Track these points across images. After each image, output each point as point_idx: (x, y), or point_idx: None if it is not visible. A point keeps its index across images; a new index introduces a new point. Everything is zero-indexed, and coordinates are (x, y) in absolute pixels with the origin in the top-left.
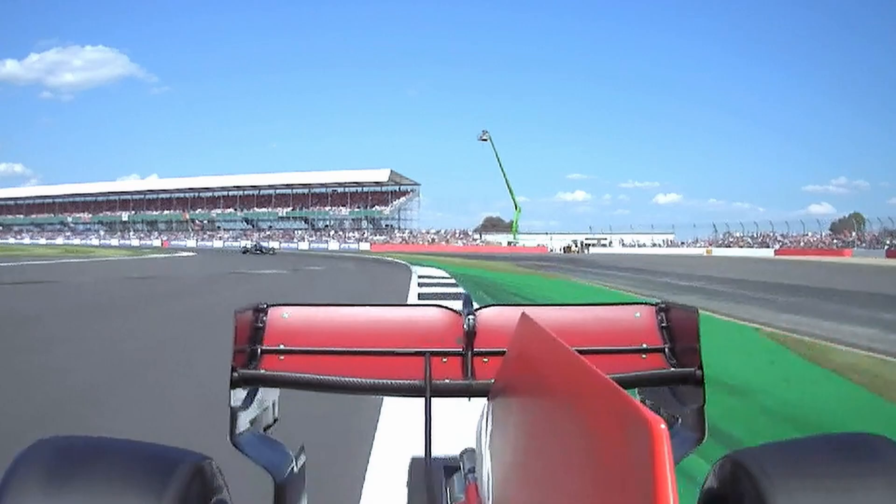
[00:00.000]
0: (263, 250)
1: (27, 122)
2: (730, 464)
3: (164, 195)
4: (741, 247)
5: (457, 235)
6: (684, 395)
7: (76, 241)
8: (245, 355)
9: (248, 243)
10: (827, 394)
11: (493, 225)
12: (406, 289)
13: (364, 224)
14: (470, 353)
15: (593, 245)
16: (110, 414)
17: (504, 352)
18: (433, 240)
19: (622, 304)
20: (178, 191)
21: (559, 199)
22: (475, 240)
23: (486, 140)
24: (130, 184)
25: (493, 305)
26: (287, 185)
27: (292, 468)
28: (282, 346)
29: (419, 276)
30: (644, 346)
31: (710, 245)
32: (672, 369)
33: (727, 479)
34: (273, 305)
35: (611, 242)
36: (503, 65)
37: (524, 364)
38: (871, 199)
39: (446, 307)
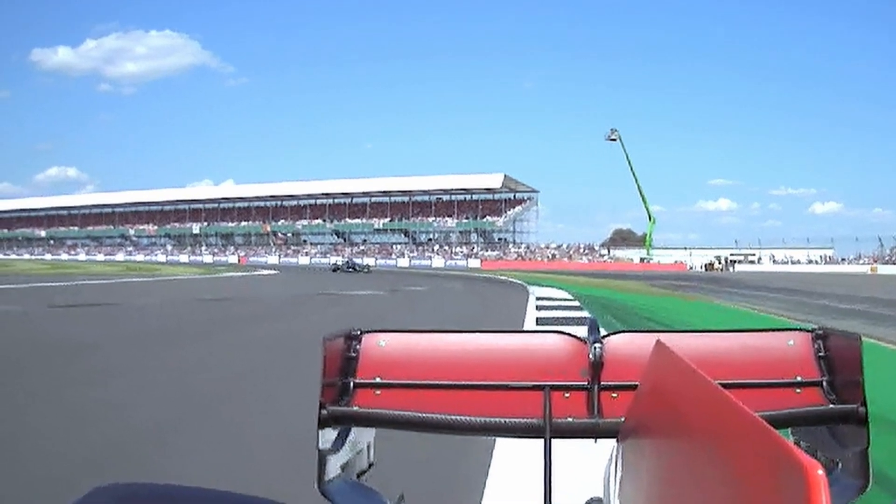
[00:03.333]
0: (356, 268)
1: (82, 119)
2: None
3: (241, 204)
4: None
5: (581, 250)
6: (845, 436)
7: (139, 258)
8: (335, 389)
9: (339, 260)
10: None
11: (622, 238)
12: (522, 312)
13: (473, 237)
14: (596, 386)
15: (739, 262)
16: (178, 457)
17: (636, 385)
18: (553, 255)
19: (773, 330)
20: (258, 199)
21: (700, 208)
22: (602, 255)
23: (614, 140)
24: (202, 191)
25: (624, 332)
26: (384, 192)
27: None
28: (378, 379)
29: (537, 298)
30: (798, 378)
31: (875, 261)
32: (831, 406)
33: None
34: (368, 332)
35: (759, 259)
36: (633, 52)
37: (659, 399)
38: None
39: (569, 334)
